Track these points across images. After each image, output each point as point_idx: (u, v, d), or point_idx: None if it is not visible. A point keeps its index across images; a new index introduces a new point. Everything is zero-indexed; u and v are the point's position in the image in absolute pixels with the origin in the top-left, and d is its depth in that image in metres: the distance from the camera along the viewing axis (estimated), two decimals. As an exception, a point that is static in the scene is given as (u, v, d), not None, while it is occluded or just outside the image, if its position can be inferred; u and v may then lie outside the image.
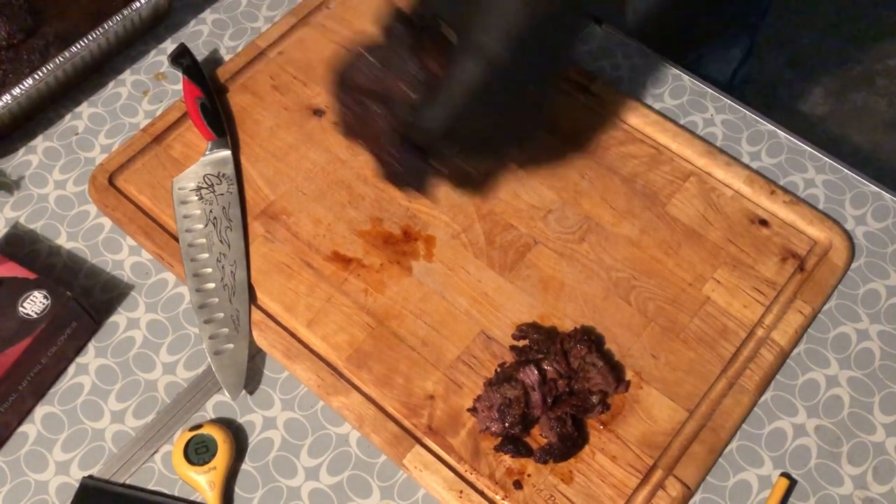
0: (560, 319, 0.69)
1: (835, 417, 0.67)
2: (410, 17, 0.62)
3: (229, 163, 0.76)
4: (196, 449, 0.64)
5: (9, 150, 0.80)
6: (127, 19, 0.80)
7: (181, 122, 0.79)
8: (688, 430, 0.65)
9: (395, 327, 0.69)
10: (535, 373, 0.63)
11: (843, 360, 0.69)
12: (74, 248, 0.74)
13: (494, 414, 0.63)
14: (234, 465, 0.65)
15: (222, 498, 0.63)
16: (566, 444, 0.63)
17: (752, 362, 0.67)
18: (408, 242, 0.73)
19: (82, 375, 0.69)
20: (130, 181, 0.76)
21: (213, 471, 0.63)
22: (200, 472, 0.63)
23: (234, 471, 0.65)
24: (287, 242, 0.73)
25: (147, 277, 0.73)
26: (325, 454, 0.65)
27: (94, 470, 0.65)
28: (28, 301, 0.65)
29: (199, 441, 0.64)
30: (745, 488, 0.64)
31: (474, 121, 0.60)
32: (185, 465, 0.63)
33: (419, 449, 0.63)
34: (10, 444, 0.66)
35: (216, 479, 0.63)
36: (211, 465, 0.63)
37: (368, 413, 0.65)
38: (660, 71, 0.84)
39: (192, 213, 0.73)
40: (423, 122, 0.59)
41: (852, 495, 0.64)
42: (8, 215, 0.76)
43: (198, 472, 0.63)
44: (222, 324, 0.68)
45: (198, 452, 0.64)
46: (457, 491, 0.62)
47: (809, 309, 0.69)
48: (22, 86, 0.75)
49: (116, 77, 0.84)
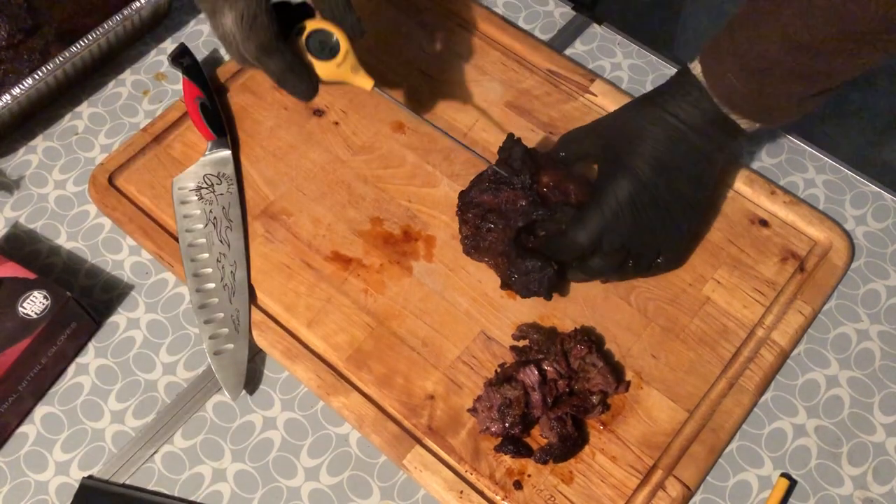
0: (560, 319, 0.69)
1: (835, 418, 0.67)
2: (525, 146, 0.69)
3: (229, 163, 0.76)
4: (319, 46, 0.62)
5: (9, 149, 0.80)
6: (127, 19, 0.80)
7: (181, 122, 0.79)
8: (688, 430, 0.65)
9: (395, 327, 0.69)
10: (536, 373, 0.63)
11: (843, 361, 0.69)
12: (74, 248, 0.74)
13: (494, 414, 0.63)
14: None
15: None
16: (566, 445, 0.63)
17: (752, 362, 0.67)
18: (408, 242, 0.73)
19: (82, 375, 0.69)
20: (130, 181, 0.76)
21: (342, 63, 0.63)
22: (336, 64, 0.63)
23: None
24: (287, 242, 0.73)
25: (147, 277, 0.73)
26: (325, 454, 0.65)
27: (94, 470, 0.65)
28: (28, 301, 0.65)
29: (318, 39, 0.62)
30: (745, 489, 0.64)
31: (621, 233, 0.65)
32: (307, 55, 0.62)
33: (419, 449, 0.63)
34: (10, 444, 0.66)
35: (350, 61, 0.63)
36: (337, 59, 0.63)
37: (368, 413, 0.65)
38: (660, 71, 0.83)
39: (192, 213, 0.73)
40: (575, 234, 0.65)
41: (852, 496, 0.64)
42: (8, 215, 0.76)
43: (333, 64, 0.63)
44: (222, 324, 0.68)
45: (319, 48, 0.62)
46: (457, 491, 0.62)
47: (809, 309, 0.69)
48: (22, 86, 0.75)
49: (116, 77, 0.84)
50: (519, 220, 0.67)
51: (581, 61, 0.84)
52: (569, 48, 0.85)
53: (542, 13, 0.87)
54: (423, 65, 0.82)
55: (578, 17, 0.87)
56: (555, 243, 0.66)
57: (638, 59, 0.84)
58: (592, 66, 0.84)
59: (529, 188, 0.67)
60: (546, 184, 0.68)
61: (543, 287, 0.66)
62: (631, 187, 0.64)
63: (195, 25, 0.87)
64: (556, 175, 0.68)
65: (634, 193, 0.64)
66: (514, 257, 0.66)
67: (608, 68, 0.84)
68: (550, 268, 0.65)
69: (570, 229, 0.65)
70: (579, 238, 0.65)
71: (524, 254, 0.66)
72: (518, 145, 0.68)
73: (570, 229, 0.65)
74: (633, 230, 0.65)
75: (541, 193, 0.68)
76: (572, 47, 0.85)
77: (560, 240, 0.66)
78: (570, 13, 0.87)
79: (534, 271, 0.65)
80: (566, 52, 0.84)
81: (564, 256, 0.66)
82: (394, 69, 0.82)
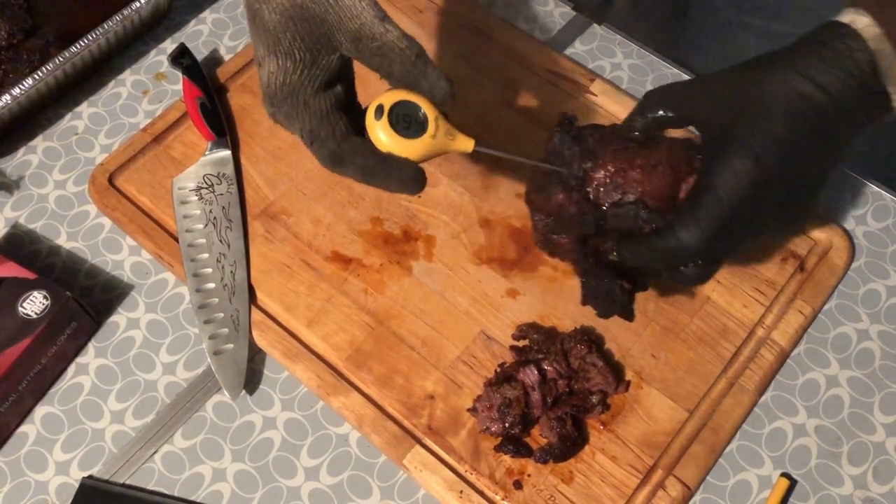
0: (560, 319, 0.69)
1: (835, 417, 0.67)
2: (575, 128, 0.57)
3: (229, 163, 0.76)
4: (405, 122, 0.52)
5: (9, 150, 0.80)
6: (127, 19, 0.80)
7: (181, 122, 0.79)
8: (688, 430, 0.65)
9: (395, 327, 0.69)
10: (535, 373, 0.63)
11: (844, 360, 0.69)
12: (74, 248, 0.74)
13: (494, 414, 0.63)
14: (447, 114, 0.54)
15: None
16: (566, 445, 0.62)
17: (752, 362, 0.67)
18: (408, 242, 0.73)
19: (82, 375, 0.69)
20: (130, 181, 0.76)
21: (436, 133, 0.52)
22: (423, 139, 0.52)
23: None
24: (287, 242, 0.73)
25: (147, 277, 0.73)
26: (325, 454, 0.65)
27: (94, 470, 0.65)
28: (28, 301, 0.65)
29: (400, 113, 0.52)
30: (746, 488, 0.64)
31: (736, 237, 0.52)
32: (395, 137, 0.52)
33: (419, 449, 0.63)
34: (10, 444, 0.66)
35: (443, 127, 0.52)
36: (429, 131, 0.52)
37: (368, 413, 0.65)
38: (660, 71, 0.84)
39: (192, 213, 0.73)
40: (679, 236, 0.51)
41: (852, 495, 0.64)
42: (8, 215, 0.76)
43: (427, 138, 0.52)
44: (222, 324, 0.68)
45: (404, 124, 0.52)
46: (457, 491, 0.62)
47: (810, 309, 0.69)
48: (22, 86, 0.75)
49: (116, 77, 0.84)
50: (575, 229, 0.56)
51: (581, 61, 0.84)
52: (569, 48, 0.85)
53: (542, 13, 0.87)
54: (423, 65, 0.82)
55: (578, 17, 0.87)
56: (641, 249, 0.54)
57: (638, 59, 0.84)
58: (592, 66, 0.84)
59: (579, 190, 0.55)
60: (601, 180, 0.55)
61: (618, 310, 0.56)
62: (753, 176, 0.50)
63: (195, 25, 0.87)
64: (617, 163, 0.54)
65: (757, 184, 0.50)
66: (581, 277, 0.57)
67: (608, 68, 0.84)
68: (620, 288, 0.55)
69: (668, 231, 0.52)
70: (686, 240, 0.51)
71: (592, 271, 0.56)
72: (561, 131, 0.56)
73: (668, 231, 0.52)
74: (749, 232, 0.53)
75: (595, 194, 0.55)
76: (572, 47, 0.85)
77: (649, 243, 0.53)
78: (570, 13, 0.87)
79: (606, 293, 0.56)
80: (566, 52, 0.84)
81: (657, 265, 0.54)
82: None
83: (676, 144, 0.56)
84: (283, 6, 0.51)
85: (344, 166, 0.53)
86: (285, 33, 0.51)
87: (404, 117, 0.52)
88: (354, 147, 0.53)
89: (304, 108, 0.52)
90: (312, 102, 0.52)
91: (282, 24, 0.51)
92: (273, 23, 0.51)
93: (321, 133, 0.53)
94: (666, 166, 0.54)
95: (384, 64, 0.52)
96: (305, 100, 0.52)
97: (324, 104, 0.52)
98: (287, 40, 0.51)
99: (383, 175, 0.53)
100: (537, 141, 0.77)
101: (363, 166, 0.53)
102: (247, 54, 0.82)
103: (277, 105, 0.53)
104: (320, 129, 0.53)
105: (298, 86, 0.52)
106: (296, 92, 0.52)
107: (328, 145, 0.53)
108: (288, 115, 0.53)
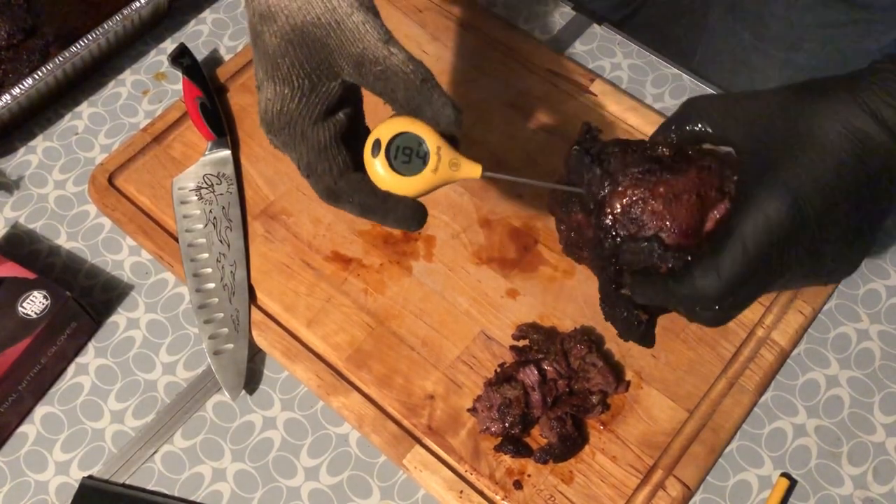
0: (560, 319, 0.69)
1: (835, 417, 0.67)
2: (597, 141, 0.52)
3: (229, 163, 0.76)
4: (406, 155, 0.49)
5: (9, 149, 0.80)
6: (127, 19, 0.80)
7: (181, 122, 0.79)
8: (688, 430, 0.65)
9: (395, 327, 0.69)
10: (535, 373, 0.63)
11: (844, 360, 0.69)
12: (74, 248, 0.74)
13: (494, 414, 0.63)
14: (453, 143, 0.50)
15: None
16: (566, 445, 0.62)
17: (752, 362, 0.67)
18: (408, 242, 0.73)
19: (82, 375, 0.69)
20: (130, 181, 0.76)
21: (437, 166, 0.49)
22: (423, 175, 0.49)
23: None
24: (287, 242, 0.73)
25: (147, 277, 0.73)
26: (325, 454, 0.65)
27: (93, 470, 0.65)
28: (28, 301, 0.65)
29: (400, 146, 0.49)
30: (746, 488, 0.64)
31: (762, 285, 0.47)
32: (393, 175, 0.49)
33: (419, 449, 0.63)
34: (10, 444, 0.66)
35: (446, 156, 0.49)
36: (430, 165, 0.49)
37: (368, 413, 0.65)
38: (660, 71, 0.84)
39: (192, 213, 0.73)
40: (700, 283, 0.46)
41: (852, 496, 0.64)
42: (8, 215, 0.76)
43: (429, 172, 0.49)
44: (222, 324, 0.68)
45: (404, 158, 0.49)
46: (457, 491, 0.62)
47: (809, 309, 0.69)
48: (22, 86, 0.75)
49: (116, 77, 0.84)
50: (593, 252, 0.52)
51: (581, 61, 0.83)
52: (569, 48, 0.85)
53: (542, 13, 0.87)
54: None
55: (578, 17, 0.87)
56: (655, 290, 0.50)
57: (638, 59, 0.84)
58: (592, 66, 0.84)
59: (596, 215, 0.50)
60: (617, 211, 0.49)
61: (636, 339, 0.54)
62: (788, 227, 0.45)
63: (195, 25, 0.87)
64: (637, 191, 0.49)
65: (792, 235, 0.45)
66: (601, 301, 0.54)
67: (608, 68, 0.84)
68: (637, 320, 0.52)
69: (686, 275, 0.47)
70: (703, 290, 0.46)
71: (610, 298, 0.53)
72: (581, 150, 0.51)
73: (686, 275, 0.47)
74: (778, 281, 0.47)
75: (611, 224, 0.50)
76: (572, 47, 0.85)
77: (664, 286, 0.49)
78: (570, 13, 0.87)
79: (623, 321, 0.53)
80: (566, 52, 0.84)
81: (672, 307, 0.50)
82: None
83: (708, 166, 0.50)
84: (284, 30, 0.49)
85: (340, 203, 0.51)
86: (284, 58, 0.49)
87: (404, 150, 0.49)
88: (352, 184, 0.50)
89: (302, 139, 0.50)
90: (310, 134, 0.50)
91: (281, 48, 0.49)
92: (273, 46, 0.49)
93: (318, 167, 0.50)
94: (691, 195, 0.49)
95: (388, 89, 0.49)
96: (303, 130, 0.50)
97: (322, 136, 0.50)
98: (286, 66, 0.49)
99: (381, 213, 0.51)
100: (537, 141, 0.77)
101: (360, 204, 0.51)
102: (246, 54, 0.82)
103: (275, 133, 0.51)
104: (317, 163, 0.50)
105: (296, 115, 0.49)
106: (293, 121, 0.50)
107: (324, 180, 0.50)
108: (285, 144, 0.51)
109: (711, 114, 0.49)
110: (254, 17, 0.50)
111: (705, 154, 0.50)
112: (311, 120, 0.50)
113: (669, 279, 0.49)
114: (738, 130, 0.48)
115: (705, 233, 0.49)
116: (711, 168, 0.50)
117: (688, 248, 0.49)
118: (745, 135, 0.48)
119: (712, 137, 0.50)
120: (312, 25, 0.49)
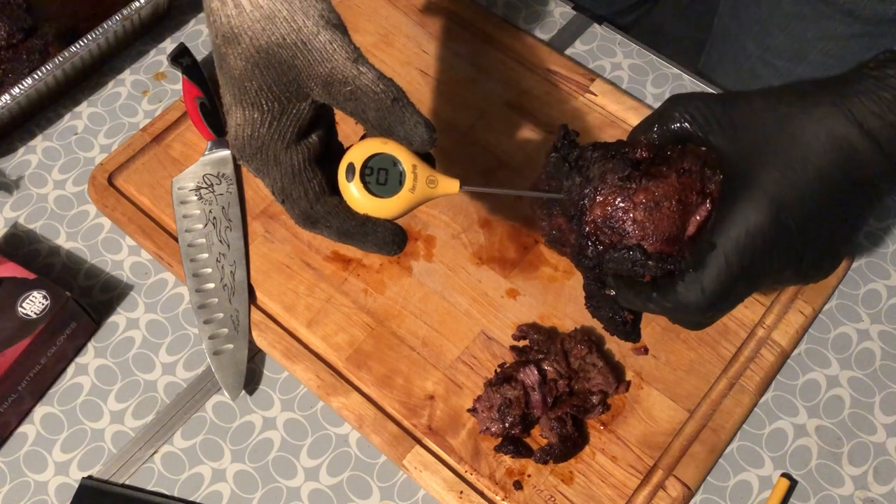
0: (560, 319, 0.69)
1: (835, 418, 0.67)
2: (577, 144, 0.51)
3: (229, 163, 0.76)
4: (380, 176, 0.48)
5: (8, 149, 0.80)
6: (127, 19, 0.80)
7: (181, 122, 0.79)
8: (688, 430, 0.65)
9: (394, 327, 0.69)
10: (535, 373, 0.63)
11: (844, 361, 0.69)
12: (74, 248, 0.74)
13: (494, 414, 0.63)
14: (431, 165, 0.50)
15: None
16: (566, 445, 0.62)
17: (752, 362, 0.67)
18: (408, 242, 0.73)
19: (82, 375, 0.69)
20: (130, 181, 0.76)
21: (415, 185, 0.48)
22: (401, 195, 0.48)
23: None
24: (287, 242, 0.73)
25: (146, 277, 0.73)
26: (325, 455, 0.65)
27: (93, 470, 0.65)
28: (27, 301, 0.65)
29: (374, 167, 0.48)
30: (746, 489, 0.64)
31: (742, 294, 0.47)
32: (370, 198, 0.48)
33: (419, 449, 0.63)
34: (9, 444, 0.66)
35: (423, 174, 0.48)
36: (407, 185, 0.48)
37: (368, 413, 0.65)
38: (660, 71, 0.83)
39: (192, 213, 0.73)
40: (683, 294, 0.47)
41: (853, 496, 0.64)
42: (7, 215, 0.76)
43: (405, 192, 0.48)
44: (222, 324, 0.68)
45: (380, 179, 0.48)
46: (457, 491, 0.62)
47: (810, 309, 0.69)
48: (22, 86, 0.75)
49: (116, 77, 0.84)
50: (575, 256, 0.52)
51: (581, 61, 0.83)
52: (569, 48, 0.85)
53: (542, 13, 0.87)
54: (423, 65, 0.82)
55: (578, 17, 0.87)
56: (639, 298, 0.49)
57: (638, 59, 0.84)
58: (592, 66, 0.84)
59: (578, 223, 0.50)
60: (597, 219, 0.49)
61: (622, 336, 0.55)
62: (770, 236, 0.45)
63: (195, 25, 0.87)
64: (616, 199, 0.48)
65: (773, 243, 0.45)
66: (585, 299, 0.55)
67: (608, 68, 0.84)
68: (621, 319, 0.53)
69: (668, 285, 0.48)
70: (686, 300, 0.47)
71: (595, 298, 0.54)
72: (559, 156, 0.50)
73: (668, 285, 0.48)
74: (761, 286, 0.48)
75: (592, 231, 0.50)
76: (572, 47, 0.85)
77: (647, 295, 0.49)
78: (570, 13, 0.87)
79: (608, 319, 0.54)
80: (566, 52, 0.84)
81: (655, 313, 0.50)
82: (394, 69, 0.82)
83: (689, 168, 0.49)
84: (249, 52, 0.47)
85: (318, 228, 0.50)
86: (251, 81, 0.48)
87: (379, 171, 0.48)
88: (328, 209, 0.49)
89: (275, 164, 0.49)
90: (283, 158, 0.48)
91: (247, 71, 0.47)
92: (239, 70, 0.48)
93: (293, 192, 0.49)
94: (672, 201, 0.48)
95: (358, 109, 0.47)
96: (276, 155, 0.48)
97: (296, 159, 0.49)
98: (254, 89, 0.48)
99: (360, 238, 0.50)
100: (537, 141, 0.77)
101: (338, 229, 0.50)
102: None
103: (247, 159, 0.49)
104: (292, 188, 0.49)
105: (268, 140, 0.48)
106: (265, 146, 0.48)
107: (300, 205, 0.49)
108: (258, 169, 0.50)
109: (696, 114, 0.48)
110: (217, 38, 0.49)
111: (685, 154, 0.49)
112: (283, 144, 0.48)
113: (652, 289, 0.48)
114: (723, 133, 0.47)
115: (687, 237, 0.49)
116: (692, 171, 0.48)
117: (670, 254, 0.49)
118: (729, 138, 0.47)
119: (695, 138, 0.49)
120: (278, 46, 0.47)
